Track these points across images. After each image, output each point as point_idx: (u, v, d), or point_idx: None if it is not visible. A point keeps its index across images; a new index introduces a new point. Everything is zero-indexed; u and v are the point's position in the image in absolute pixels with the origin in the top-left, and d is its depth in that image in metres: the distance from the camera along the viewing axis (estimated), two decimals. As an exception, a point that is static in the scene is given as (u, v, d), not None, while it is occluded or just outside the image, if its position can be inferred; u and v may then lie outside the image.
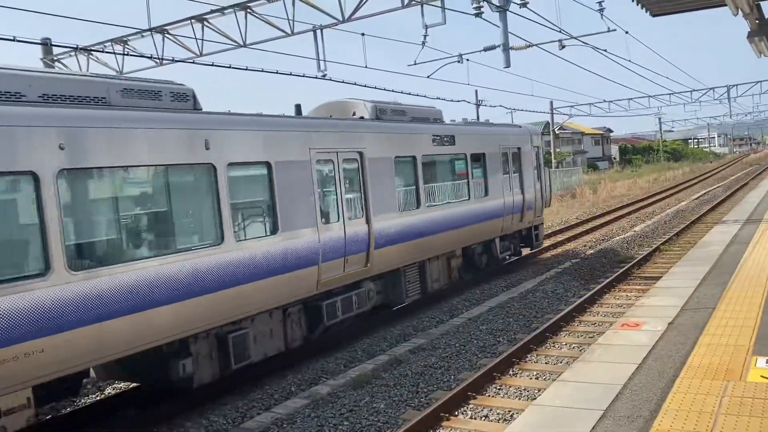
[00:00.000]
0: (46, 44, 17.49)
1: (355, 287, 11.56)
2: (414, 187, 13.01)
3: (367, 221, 11.51)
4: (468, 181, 14.84)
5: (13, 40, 12.88)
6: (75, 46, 17.76)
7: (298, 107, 12.27)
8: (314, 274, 10.22)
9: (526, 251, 18.75)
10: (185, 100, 9.00)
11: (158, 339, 7.81)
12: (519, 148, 17.17)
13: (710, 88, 47.68)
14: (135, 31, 17.91)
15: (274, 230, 9.55)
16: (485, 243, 15.92)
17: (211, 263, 8.43)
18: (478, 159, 15.32)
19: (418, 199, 13.05)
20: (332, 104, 13.17)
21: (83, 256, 7.22)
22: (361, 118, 12.68)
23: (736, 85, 47.05)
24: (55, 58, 18.80)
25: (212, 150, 8.62)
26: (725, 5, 11.16)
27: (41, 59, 18.18)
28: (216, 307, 8.49)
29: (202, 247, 8.43)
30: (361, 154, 11.54)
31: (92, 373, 8.99)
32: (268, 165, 9.54)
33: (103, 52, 18.74)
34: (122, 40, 18.52)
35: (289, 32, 16.73)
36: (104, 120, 7.49)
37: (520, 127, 18.09)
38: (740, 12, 11.56)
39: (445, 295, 14.95)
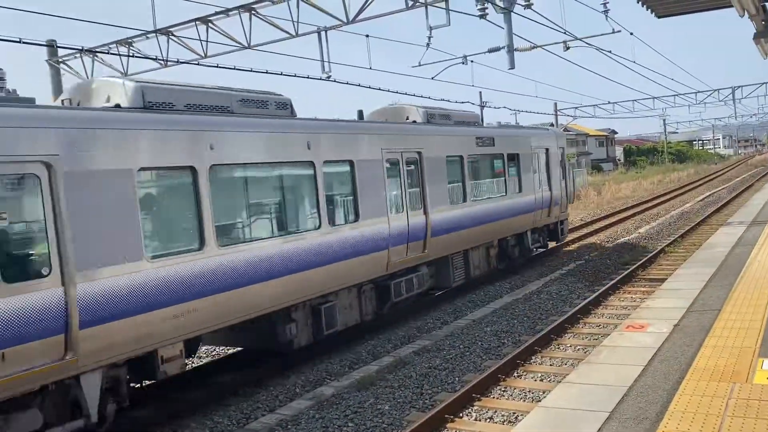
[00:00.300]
0: (52, 46, 17.54)
1: (414, 270, 13.01)
2: (461, 183, 14.54)
3: (425, 213, 13.05)
4: (505, 179, 16.41)
5: (19, 42, 12.93)
6: (80, 48, 17.81)
7: (360, 113, 13.82)
8: (385, 257, 11.85)
9: (545, 245, 19.69)
10: (285, 108, 10.62)
11: (272, 306, 9.47)
12: (547, 149, 18.69)
13: (715, 90, 47.55)
14: (140, 32, 17.96)
15: (356, 218, 11.27)
16: (518, 235, 17.31)
17: (313, 244, 10.20)
18: (513, 158, 16.87)
19: (464, 194, 14.58)
20: (387, 109, 14.70)
21: (226, 235, 8.95)
22: (414, 122, 14.30)
23: (741, 86, 46.88)
24: (60, 60, 18.86)
25: (312, 150, 10.39)
26: (731, 6, 11.13)
27: (46, 61, 18.24)
28: (313, 282, 10.16)
29: (305, 231, 10.22)
30: (419, 153, 13.08)
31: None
32: (351, 163, 11.27)
33: (108, 53, 18.79)
34: (127, 42, 18.56)
35: (294, 34, 16.74)
36: (237, 125, 9.28)
37: (547, 129, 20.09)
38: (746, 13, 11.53)
39: (449, 297, 14.94)
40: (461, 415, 8.13)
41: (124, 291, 7.40)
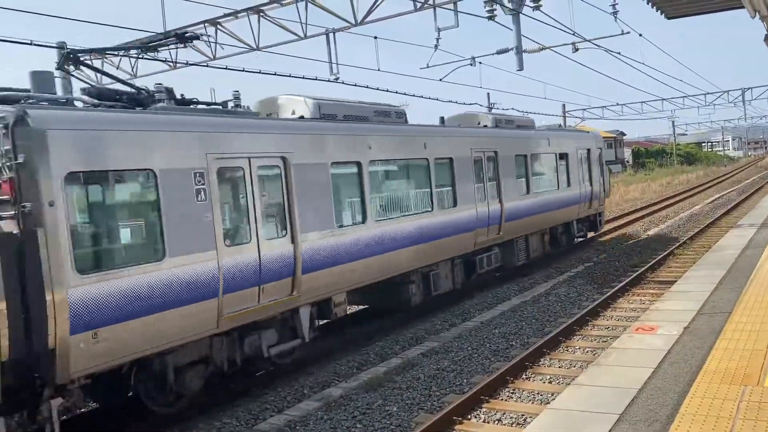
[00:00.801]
0: (62, 48, 17.63)
1: (489, 250, 15.50)
2: (525, 178, 16.97)
3: (500, 202, 15.64)
4: (557, 175, 18.88)
5: (30, 44, 13.02)
6: (91, 50, 17.88)
7: (442, 119, 16.32)
8: (472, 237, 14.61)
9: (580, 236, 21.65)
10: (401, 117, 13.51)
11: (404, 269, 12.40)
12: (588, 150, 21.16)
13: (725, 91, 47.35)
14: (149, 34, 18.03)
15: (454, 204, 13.98)
16: (566, 224, 19.80)
17: (428, 223, 13.02)
18: (563, 157, 19.31)
19: (527, 187, 17.04)
20: (462, 116, 17.46)
21: (379, 212, 11.92)
22: (485, 126, 16.74)
23: (751, 88, 46.69)
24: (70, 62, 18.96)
25: (427, 149, 13.22)
26: (742, 7, 11.08)
27: (56, 62, 18.33)
28: (427, 253, 12.93)
29: (424, 212, 12.98)
30: (496, 153, 15.71)
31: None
32: (450, 160, 13.95)
33: (117, 55, 18.89)
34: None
35: (302, 36, 16.79)
36: (383, 131, 12.21)
37: (588, 132, 22.86)
38: (757, 14, 11.46)
39: (457, 299, 14.92)
40: (469, 416, 8.11)
41: (324, 250, 10.38)
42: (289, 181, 9.85)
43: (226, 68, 17.25)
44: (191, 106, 9.57)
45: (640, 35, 24.90)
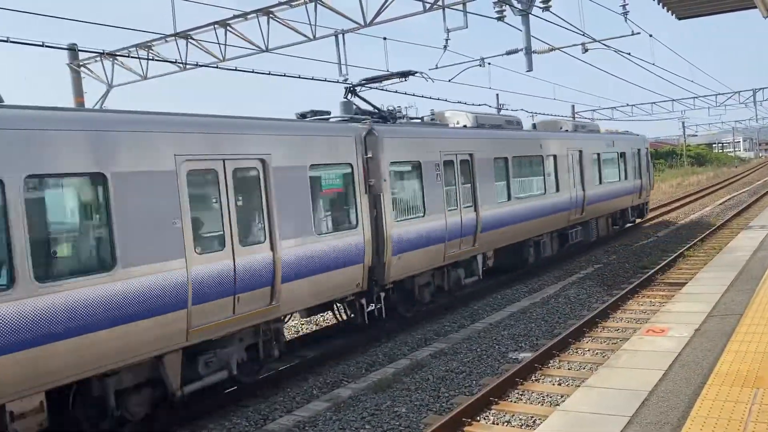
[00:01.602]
0: (73, 49, 17.77)
1: (575, 227, 19.58)
2: (597, 171, 21.04)
3: (583, 189, 19.76)
4: (619, 169, 23.03)
5: (42, 46, 13.12)
6: (101, 52, 18.02)
7: (534, 125, 20.98)
8: (567, 215, 18.71)
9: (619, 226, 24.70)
10: (518, 123, 17.64)
11: (528, 236, 16.76)
12: (639, 149, 25.42)
13: (736, 92, 46.92)
14: (159, 36, 18.14)
15: (557, 190, 18.09)
16: (622, 210, 23.91)
17: (542, 202, 17.27)
18: (623, 156, 23.48)
19: (600, 178, 21.16)
20: (547, 122, 22.24)
21: (518, 194, 16.03)
22: (566, 131, 20.94)
23: (763, 88, 46.20)
24: (81, 63, 19.11)
25: (542, 148, 17.57)
26: (754, 7, 11.00)
27: (67, 64, 18.48)
28: (541, 225, 17.24)
29: (539, 195, 17.15)
30: (581, 152, 19.81)
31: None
32: (554, 156, 18.07)
33: (128, 57, 19.00)
34: (147, 46, 18.76)
35: (311, 37, 16.81)
36: (520, 136, 16.97)
37: (637, 135, 26.59)
38: (769, 14, 11.38)
39: (467, 301, 14.89)
40: (478, 418, 8.09)
41: (495, 217, 14.98)
42: (473, 167, 14.20)
43: (235, 69, 17.32)
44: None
45: (651, 36, 24.77)
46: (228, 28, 17.40)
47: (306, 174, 9.98)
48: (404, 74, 14.10)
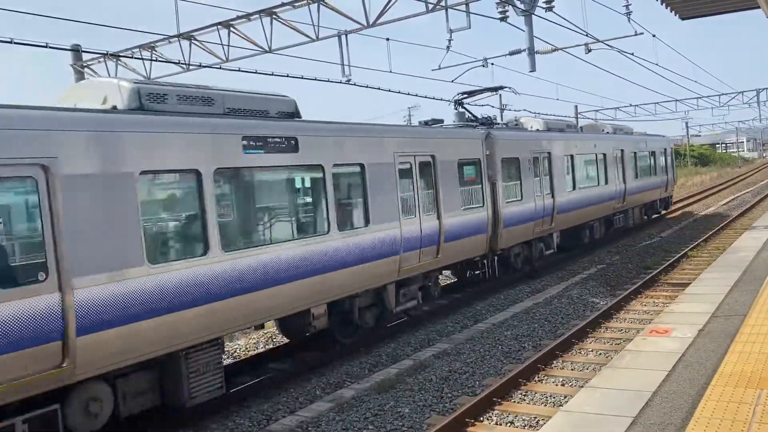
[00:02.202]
0: (77, 50, 17.80)
1: (617, 215, 22.97)
2: (635, 167, 24.56)
3: (624, 182, 23.11)
4: (650, 166, 26.62)
5: (46, 47, 13.16)
6: (105, 52, 18.05)
7: (581, 128, 24.41)
8: (612, 205, 22.17)
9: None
10: (574, 127, 21.35)
11: (587, 220, 20.41)
12: (665, 149, 29.16)
13: (739, 92, 46.77)
14: (163, 37, 18.16)
15: (606, 182, 21.57)
16: (652, 201, 27.39)
17: (600, 192, 20.99)
18: (653, 154, 27.16)
19: (636, 173, 24.64)
20: (590, 125, 25.80)
21: (579, 184, 19.56)
22: (607, 132, 24.59)
23: (766, 88, 46.08)
24: (84, 64, 19.14)
25: (597, 147, 21.14)
26: (758, 7, 10.97)
27: (71, 65, 18.51)
28: (594, 211, 20.58)
29: (594, 186, 20.55)
30: (622, 151, 23.31)
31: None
32: (605, 155, 21.62)
33: (131, 57, 19.03)
34: (150, 46, 18.78)
35: (314, 38, 16.81)
36: (578, 137, 20.40)
37: (664, 136, 30.59)
38: (772, 14, 11.34)
39: (469, 301, 14.89)
40: (482, 419, 8.09)
41: (570, 202, 18.83)
42: (551, 162, 17.60)
43: (239, 70, 17.33)
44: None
45: (654, 36, 24.73)
46: (231, 28, 17.41)
47: (455, 166, 13.62)
48: (495, 89, 18.05)
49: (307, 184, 10.43)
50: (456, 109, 17.06)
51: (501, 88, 18.01)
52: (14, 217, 6.94)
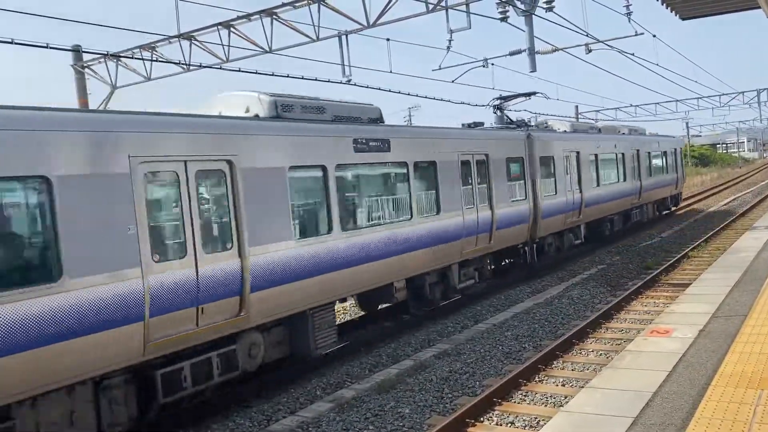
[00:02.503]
0: (78, 51, 17.81)
1: (633, 209, 25.01)
2: (649, 165, 26.71)
3: (640, 179, 25.16)
4: (662, 165, 28.82)
5: (46, 47, 13.16)
6: (105, 53, 18.06)
7: (599, 129, 24.60)
8: (630, 200, 24.16)
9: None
10: (597, 130, 23.01)
11: (613, 212, 22.71)
12: (675, 149, 31.31)
13: (740, 92, 46.75)
14: (163, 37, 18.16)
15: (624, 179, 23.48)
16: (664, 198, 29.41)
17: (620, 188, 22.91)
18: (665, 154, 29.27)
19: (650, 171, 26.69)
20: (607, 126, 26.52)
21: (602, 179, 21.67)
22: (623, 133, 26.19)
23: (767, 88, 46.07)
24: (85, 65, 19.14)
25: (617, 148, 23.13)
26: (758, 8, 10.97)
27: (72, 65, 18.52)
28: (611, 207, 22.19)
29: (618, 182, 22.91)
30: (638, 151, 25.30)
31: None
32: (623, 154, 23.62)
33: (132, 58, 19.03)
34: (150, 47, 18.78)
35: (315, 38, 16.82)
36: (623, 139, 24.49)
37: (674, 137, 33.92)
38: (773, 14, 11.34)
39: (470, 301, 14.89)
40: (482, 419, 8.08)
41: (596, 197, 20.54)
42: (579, 161, 19.67)
43: (239, 70, 17.32)
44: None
45: (654, 36, 24.73)
46: (231, 29, 17.42)
47: (505, 162, 15.38)
48: (529, 94, 19.88)
49: (396, 178, 12.22)
50: (495, 112, 19.06)
51: (534, 93, 20.10)
52: (212, 201, 8.86)
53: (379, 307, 13.70)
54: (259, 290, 8.84)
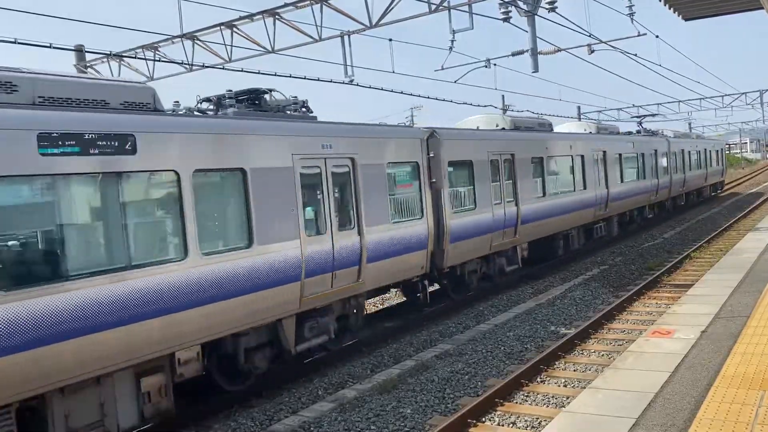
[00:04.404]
0: (80, 51, 17.83)
1: (704, 189, 35.93)
2: (699, 160, 34.08)
3: (707, 168, 35.72)
4: (708, 160, 36.41)
5: (50, 47, 13.18)
6: (108, 53, 18.09)
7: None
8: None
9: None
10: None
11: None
12: (722, 148, 40.78)
13: (742, 93, 46.65)
14: (166, 37, 18.19)
15: (699, 168, 34.26)
16: (715, 183, 38.98)
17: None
18: (717, 152, 38.71)
19: (700, 164, 34.46)
20: (682, 133, 34.23)
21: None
22: (698, 137, 37.41)
23: (770, 89, 45.91)
24: (88, 65, 19.17)
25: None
26: (761, 8, 10.95)
27: (74, 65, 18.55)
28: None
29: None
30: (706, 149, 35.83)
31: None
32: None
33: (134, 58, 19.06)
34: (153, 47, 18.81)
35: (317, 38, 16.84)
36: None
37: (719, 140, 41.61)
38: (776, 15, 11.31)
39: (471, 301, 14.88)
40: (484, 419, 8.09)
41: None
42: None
43: (241, 70, 17.32)
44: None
45: (657, 36, 24.70)
46: (234, 29, 17.44)
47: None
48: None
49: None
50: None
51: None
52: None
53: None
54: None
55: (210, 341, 8.44)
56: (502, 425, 7.95)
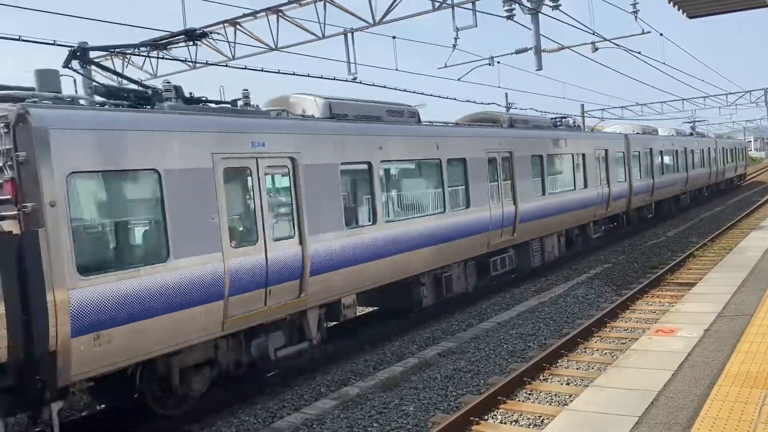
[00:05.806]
0: (84, 48, 17.81)
1: (721, 183, 41.13)
2: (716, 158, 38.75)
3: (724, 164, 41.10)
4: (733, 157, 44.76)
5: (53, 44, 13.20)
6: (112, 50, 18.07)
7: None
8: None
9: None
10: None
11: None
12: (736, 147, 46.31)
13: (747, 91, 46.52)
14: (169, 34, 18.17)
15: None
16: (737, 175, 47.49)
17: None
18: (732, 150, 44.57)
19: (728, 160, 43.13)
20: (698, 134, 38.72)
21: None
22: (718, 137, 43.60)
23: (774, 87, 45.76)
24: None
25: (721, 145, 40.50)
26: (766, 6, 10.91)
27: (77, 62, 18.53)
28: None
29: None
30: (710, 148, 36.84)
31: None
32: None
33: (138, 55, 19.07)
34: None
35: (321, 35, 16.83)
36: (708, 141, 37.07)
37: (742, 140, 54.62)
38: (780, 13, 11.27)
39: (474, 299, 14.88)
40: (486, 417, 8.09)
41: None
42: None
43: (245, 68, 17.34)
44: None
45: (661, 34, 24.66)
46: (238, 26, 17.46)
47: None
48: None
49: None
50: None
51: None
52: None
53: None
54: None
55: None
56: (505, 423, 7.95)
